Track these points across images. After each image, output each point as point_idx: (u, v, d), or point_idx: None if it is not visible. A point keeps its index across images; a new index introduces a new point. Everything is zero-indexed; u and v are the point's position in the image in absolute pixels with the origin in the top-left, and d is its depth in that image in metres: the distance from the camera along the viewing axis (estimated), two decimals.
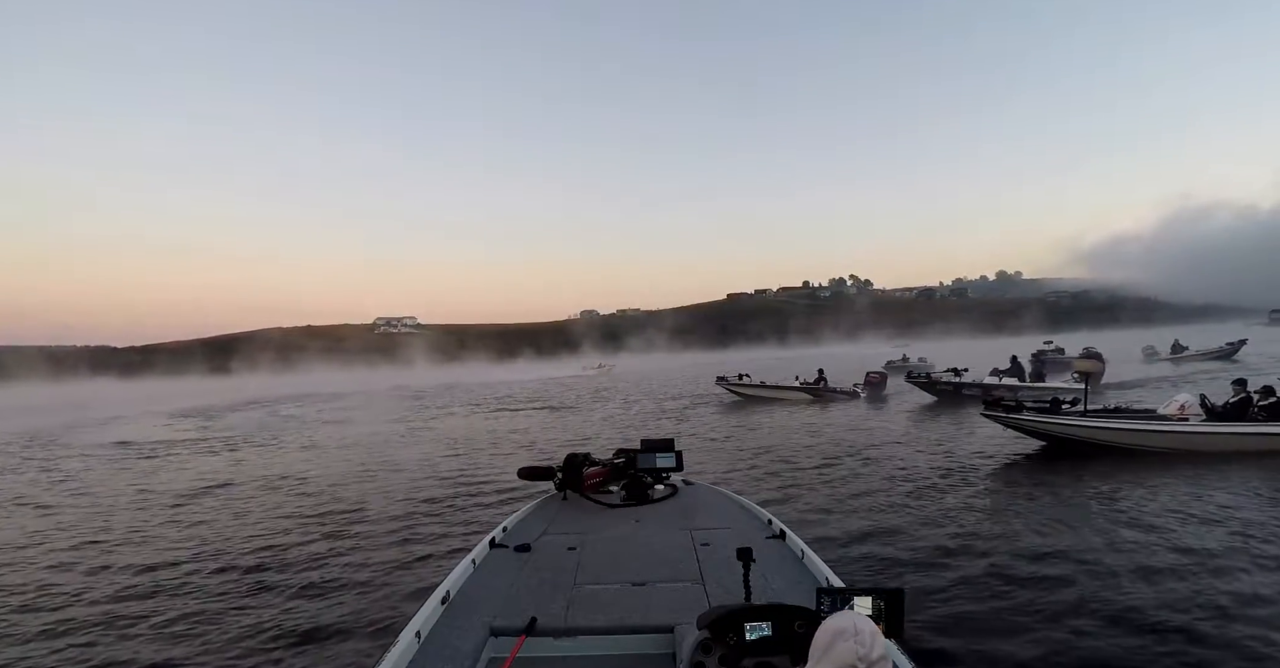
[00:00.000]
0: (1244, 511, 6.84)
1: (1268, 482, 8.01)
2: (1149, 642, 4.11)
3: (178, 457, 15.69)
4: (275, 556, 7.01)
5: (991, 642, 4.18)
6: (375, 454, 14.26)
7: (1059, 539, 6.20)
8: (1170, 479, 8.39)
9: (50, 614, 5.66)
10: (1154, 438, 10.00)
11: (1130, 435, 10.08)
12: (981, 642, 4.18)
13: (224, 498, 10.39)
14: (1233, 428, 9.91)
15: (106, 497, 10.93)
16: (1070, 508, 7.40)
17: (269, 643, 4.80)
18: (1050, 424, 10.48)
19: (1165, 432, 9.98)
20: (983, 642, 4.18)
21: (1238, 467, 8.85)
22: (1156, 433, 10.00)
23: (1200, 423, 10.03)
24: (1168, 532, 6.25)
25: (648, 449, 4.77)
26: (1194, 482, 8.17)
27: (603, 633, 2.53)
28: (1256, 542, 5.86)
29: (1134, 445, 10.04)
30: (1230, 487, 7.85)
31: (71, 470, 14.25)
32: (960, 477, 9.28)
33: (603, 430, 17.35)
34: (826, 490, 8.79)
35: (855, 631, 1.45)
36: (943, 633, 4.33)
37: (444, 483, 10.45)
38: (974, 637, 4.25)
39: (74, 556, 7.49)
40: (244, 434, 20.37)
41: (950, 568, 5.58)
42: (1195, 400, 10.43)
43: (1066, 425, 10.35)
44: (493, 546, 3.57)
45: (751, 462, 11.29)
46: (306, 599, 5.64)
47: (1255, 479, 8.14)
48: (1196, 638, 4.11)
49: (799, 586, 2.78)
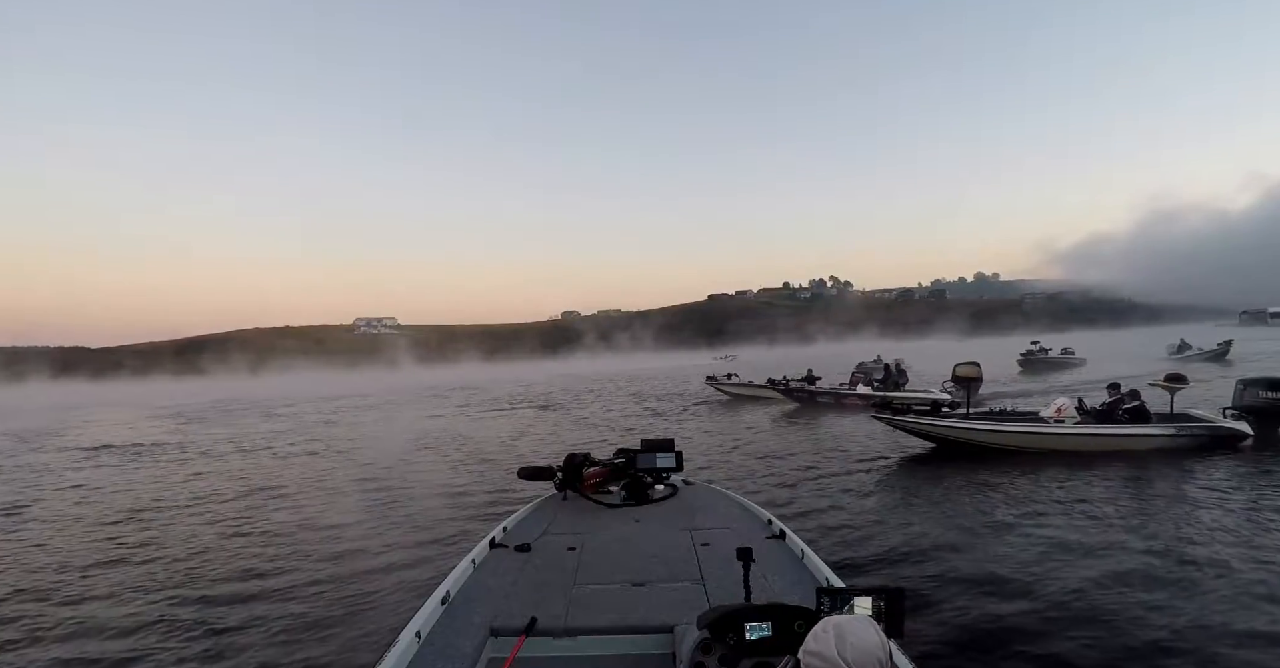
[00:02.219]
0: (1105, 504, 7.51)
1: (1126, 478, 8.71)
2: (1015, 608, 4.81)
3: (183, 459, 15.43)
4: (275, 555, 6.99)
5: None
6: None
7: (927, 528, 6.88)
8: (1037, 476, 8.98)
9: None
10: (1027, 439, 10.53)
11: (1004, 436, 10.62)
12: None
13: (227, 497, 10.34)
14: (1097, 430, 10.47)
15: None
16: (947, 503, 7.97)
17: (269, 643, 4.78)
18: (933, 426, 11.04)
19: (1035, 433, 10.51)
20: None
21: (1101, 465, 9.44)
22: (1028, 434, 10.54)
23: (1071, 425, 10.57)
24: (1025, 523, 6.94)
25: (648, 449, 4.76)
26: (1057, 478, 8.77)
27: (603, 633, 2.53)
28: (1100, 530, 6.54)
29: (1010, 446, 10.55)
30: (1091, 482, 8.54)
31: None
32: (854, 476, 9.82)
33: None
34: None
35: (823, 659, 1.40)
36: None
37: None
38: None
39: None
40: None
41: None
42: (1073, 403, 11.05)
43: (947, 427, 10.93)
44: (493, 545, 3.56)
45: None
46: (307, 599, 5.63)
47: (1114, 477, 8.79)
48: (1057, 607, 4.80)
49: (799, 586, 2.79)
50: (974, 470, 9.45)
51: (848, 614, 1.70)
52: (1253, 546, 5.89)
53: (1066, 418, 10.71)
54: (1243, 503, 7.29)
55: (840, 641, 1.41)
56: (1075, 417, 10.78)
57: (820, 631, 1.47)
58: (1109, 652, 4.12)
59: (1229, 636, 4.21)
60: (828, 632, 1.45)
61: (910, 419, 11.13)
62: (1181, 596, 4.86)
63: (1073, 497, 7.85)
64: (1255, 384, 11.15)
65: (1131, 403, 10.64)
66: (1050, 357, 32.58)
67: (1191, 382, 11.84)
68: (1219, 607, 4.62)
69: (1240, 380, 11.55)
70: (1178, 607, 4.66)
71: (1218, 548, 5.83)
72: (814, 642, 1.45)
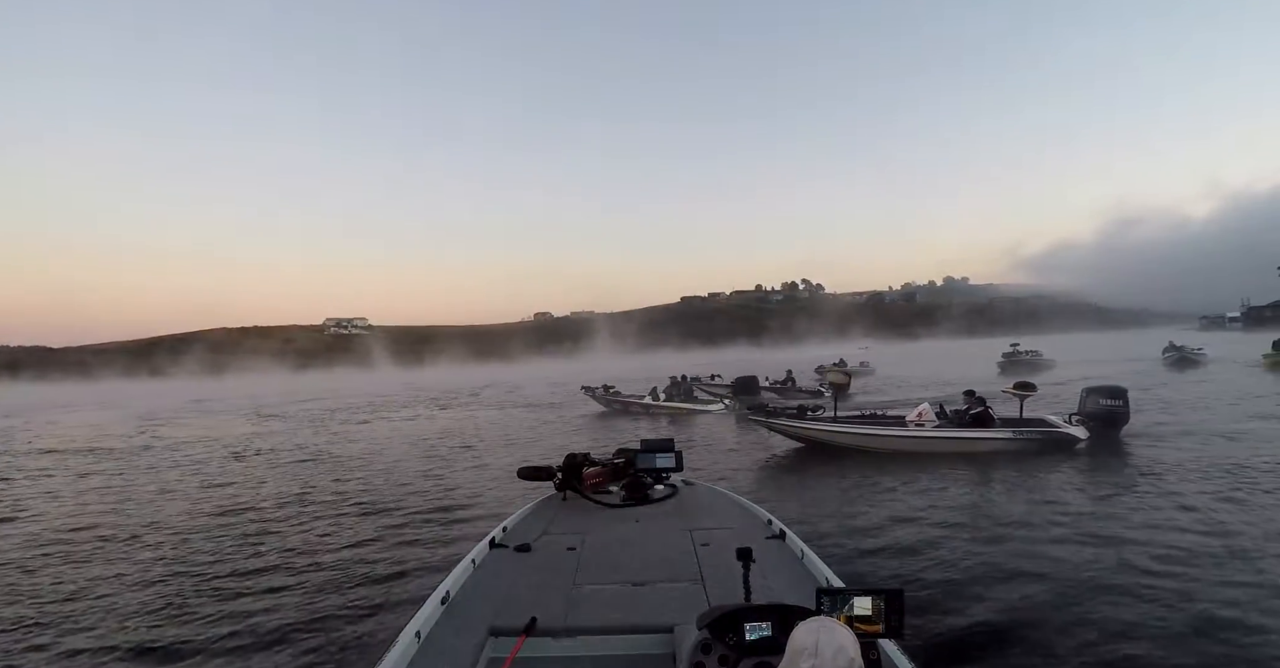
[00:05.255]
0: (917, 496, 8.45)
1: (953, 477, 9.41)
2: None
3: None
4: (273, 556, 6.96)
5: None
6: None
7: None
8: (881, 473, 9.80)
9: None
10: (881, 441, 11.28)
11: (862, 439, 11.39)
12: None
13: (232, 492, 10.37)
14: (942, 433, 11.15)
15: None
16: (806, 493, 9.01)
17: (269, 643, 4.76)
18: (800, 428, 11.89)
19: (888, 436, 11.27)
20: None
21: (945, 465, 10.15)
22: (882, 436, 11.29)
23: (929, 429, 11.21)
24: (854, 510, 7.88)
25: (647, 449, 4.78)
26: (901, 476, 9.54)
27: (603, 633, 2.54)
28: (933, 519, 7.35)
29: (866, 447, 11.35)
30: (918, 479, 9.34)
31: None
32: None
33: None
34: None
35: (815, 651, 1.45)
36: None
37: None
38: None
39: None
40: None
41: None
42: (933, 409, 11.61)
43: (811, 429, 11.77)
44: (493, 546, 3.55)
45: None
46: (306, 599, 5.61)
47: (947, 475, 9.54)
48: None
49: (799, 586, 2.81)
50: (841, 469, 10.26)
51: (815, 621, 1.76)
52: (1029, 524, 6.97)
53: (926, 422, 11.26)
54: (1046, 496, 8.21)
55: (821, 633, 1.51)
56: (935, 421, 11.33)
57: (803, 624, 1.57)
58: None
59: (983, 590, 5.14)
60: (809, 625, 1.55)
61: (781, 421, 12.09)
62: (984, 577, 5.55)
63: (909, 491, 8.72)
64: (1096, 392, 12.02)
65: (977, 409, 11.22)
66: (1030, 358, 34.31)
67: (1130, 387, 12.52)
68: (994, 580, 5.43)
69: (1084, 388, 12.41)
70: (957, 579, 5.50)
71: (1013, 529, 6.82)
72: (797, 631, 1.55)
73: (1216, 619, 4.48)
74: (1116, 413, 11.64)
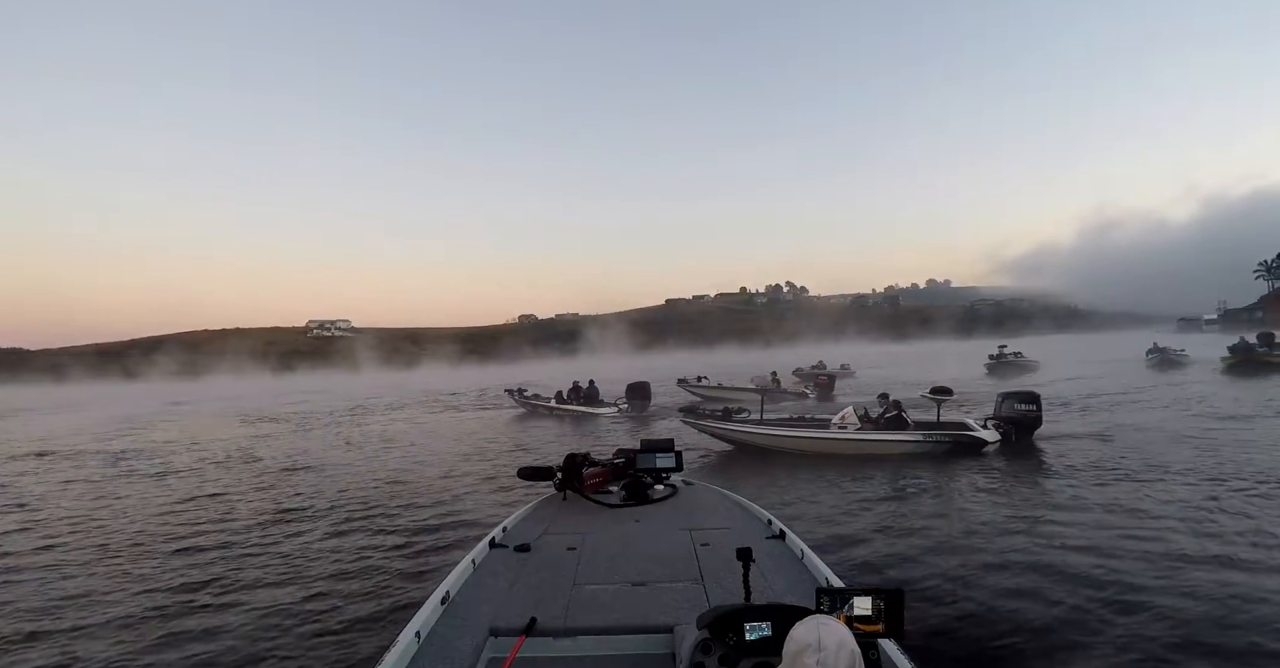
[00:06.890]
0: (827, 493, 8.96)
1: (864, 477, 9.80)
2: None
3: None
4: (271, 557, 6.92)
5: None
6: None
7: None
8: (796, 472, 10.28)
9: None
10: (801, 443, 11.71)
11: (784, 440, 11.81)
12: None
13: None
14: (857, 435, 11.50)
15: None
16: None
17: (269, 644, 4.74)
18: (727, 430, 12.38)
19: (808, 437, 11.67)
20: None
21: (861, 466, 10.55)
22: (802, 438, 11.71)
23: (845, 431, 11.55)
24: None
25: (647, 449, 4.79)
26: (825, 475, 9.95)
27: (602, 633, 2.54)
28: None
29: (788, 448, 11.71)
30: (845, 479, 9.74)
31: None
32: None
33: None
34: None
35: (820, 646, 1.45)
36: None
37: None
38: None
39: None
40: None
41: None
42: (855, 412, 11.93)
43: (737, 431, 12.25)
44: (492, 546, 3.54)
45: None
46: (306, 599, 5.59)
47: (858, 474, 9.94)
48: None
49: (799, 586, 2.82)
50: (765, 469, 10.76)
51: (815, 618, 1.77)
52: (924, 515, 7.56)
53: (849, 425, 11.53)
54: (945, 493, 8.71)
55: (821, 628, 1.52)
56: (857, 423, 11.60)
57: (800, 623, 1.59)
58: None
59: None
60: (807, 623, 1.57)
61: (709, 423, 12.67)
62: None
63: (816, 488, 9.22)
64: (1011, 397, 12.37)
65: (891, 412, 11.62)
66: (1016, 361, 34.71)
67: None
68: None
69: (1000, 393, 12.76)
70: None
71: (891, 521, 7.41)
72: (795, 630, 1.57)
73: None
74: (1029, 417, 11.98)
